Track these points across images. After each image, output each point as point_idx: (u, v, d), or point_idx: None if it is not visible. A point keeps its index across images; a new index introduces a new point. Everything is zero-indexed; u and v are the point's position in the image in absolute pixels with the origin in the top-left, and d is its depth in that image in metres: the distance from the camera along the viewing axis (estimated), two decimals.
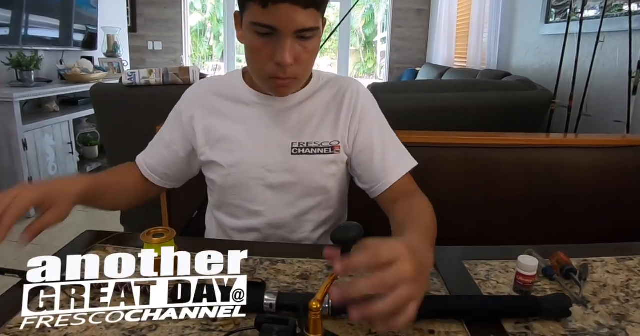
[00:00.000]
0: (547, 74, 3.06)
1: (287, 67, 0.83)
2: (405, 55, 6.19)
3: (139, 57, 5.90)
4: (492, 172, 1.40)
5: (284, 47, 0.80)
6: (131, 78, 2.06)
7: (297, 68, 0.85)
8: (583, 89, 2.47)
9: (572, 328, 0.67)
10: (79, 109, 3.70)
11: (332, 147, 0.98)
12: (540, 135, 1.66)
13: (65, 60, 4.01)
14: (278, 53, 0.81)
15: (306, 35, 0.82)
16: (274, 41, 0.81)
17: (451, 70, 4.47)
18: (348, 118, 0.99)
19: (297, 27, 0.80)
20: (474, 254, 0.93)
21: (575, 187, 1.40)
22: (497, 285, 0.80)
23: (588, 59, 2.47)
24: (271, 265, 0.83)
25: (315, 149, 0.98)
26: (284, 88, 0.90)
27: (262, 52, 0.83)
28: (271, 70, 0.85)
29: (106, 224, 2.93)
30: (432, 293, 0.76)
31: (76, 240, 0.90)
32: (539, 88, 2.53)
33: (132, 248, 0.86)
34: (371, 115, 1.02)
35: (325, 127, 0.98)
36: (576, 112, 2.53)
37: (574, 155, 1.42)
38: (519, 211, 1.41)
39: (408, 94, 2.24)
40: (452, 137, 1.44)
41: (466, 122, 2.18)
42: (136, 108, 2.09)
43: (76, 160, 3.58)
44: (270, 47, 0.82)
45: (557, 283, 0.80)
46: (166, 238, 0.78)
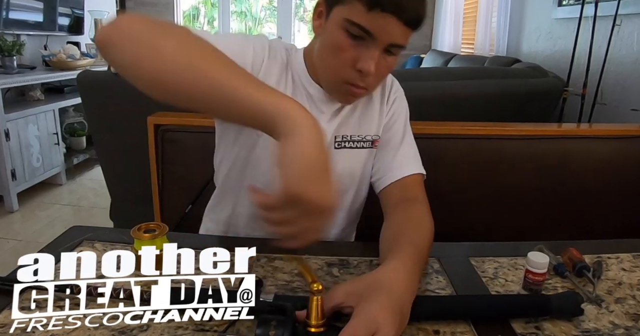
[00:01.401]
0: (560, 60, 3.05)
1: (367, 76, 0.82)
2: (409, 42, 6.16)
3: None
4: (500, 164, 1.40)
5: (372, 55, 0.80)
6: None
7: (374, 80, 0.85)
8: (598, 76, 2.46)
9: (585, 329, 0.67)
10: (65, 98, 3.68)
11: (372, 142, 0.99)
12: (551, 125, 1.66)
13: (49, 45, 3.99)
14: (364, 60, 0.80)
15: (394, 51, 0.82)
16: (362, 46, 0.80)
17: (458, 57, 4.44)
18: (384, 111, 1.00)
19: (393, 41, 0.80)
20: (481, 250, 0.93)
21: (589, 179, 1.40)
22: (505, 283, 0.80)
23: (603, 43, 2.46)
24: (268, 262, 0.83)
25: (358, 143, 0.98)
26: (353, 97, 0.89)
27: (346, 53, 0.81)
28: (349, 76, 0.83)
29: (95, 219, 2.94)
30: (436, 292, 0.76)
31: (63, 236, 0.89)
32: (550, 75, 2.52)
33: (121, 244, 0.86)
34: (401, 108, 1.03)
35: (369, 118, 0.99)
36: (590, 100, 2.52)
37: (588, 146, 1.42)
38: (528, 205, 1.41)
39: (412, 83, 2.22)
40: (458, 127, 1.44)
41: (473, 111, 2.17)
42: (126, 97, 2.08)
43: (62, 151, 3.57)
44: (356, 52, 0.80)
45: (569, 281, 0.80)
46: (158, 234, 0.77)
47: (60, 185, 3.54)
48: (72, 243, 0.86)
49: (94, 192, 3.42)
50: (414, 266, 0.71)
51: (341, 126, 0.97)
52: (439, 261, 0.86)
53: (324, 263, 0.84)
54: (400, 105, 1.03)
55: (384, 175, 0.98)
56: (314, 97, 0.94)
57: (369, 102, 0.99)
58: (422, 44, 6.12)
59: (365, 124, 0.99)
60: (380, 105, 1.00)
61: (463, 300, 0.73)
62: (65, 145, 3.75)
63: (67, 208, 3.17)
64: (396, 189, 0.96)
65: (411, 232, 0.81)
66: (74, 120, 3.92)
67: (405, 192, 0.95)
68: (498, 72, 2.54)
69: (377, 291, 0.63)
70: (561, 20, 3.20)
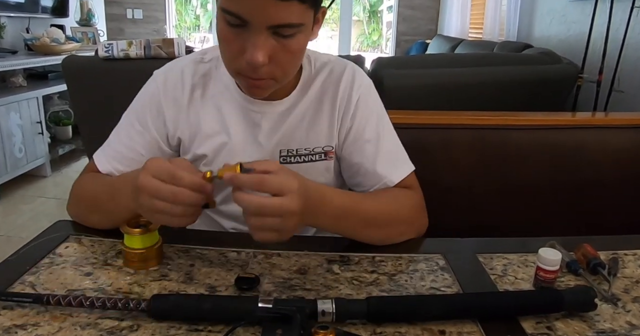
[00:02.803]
0: (574, 45, 3.04)
1: (258, 68, 0.76)
2: (414, 26, 6.14)
3: (117, 27, 5.84)
4: (509, 156, 1.40)
5: (254, 43, 0.74)
6: (108, 50, 2.05)
7: (275, 68, 0.79)
8: (615, 62, 2.45)
9: (600, 329, 0.67)
10: (49, 84, 3.68)
11: (325, 153, 0.96)
12: (565, 114, 1.66)
13: (32, 28, 3.97)
14: (248, 50, 0.75)
15: (285, 33, 0.75)
16: (245, 34, 0.75)
17: (465, 42, 4.44)
18: (340, 117, 0.95)
19: (272, 22, 0.72)
20: (490, 247, 0.93)
21: (604, 171, 1.40)
22: (515, 281, 0.80)
23: (621, 27, 2.45)
24: (266, 259, 0.83)
25: (306, 156, 0.95)
26: (256, 88, 0.83)
27: (233, 44, 0.77)
28: (240, 67, 0.79)
29: None
30: (442, 291, 0.77)
31: (47, 231, 0.89)
32: (564, 61, 2.52)
33: (110, 239, 0.86)
34: (367, 110, 0.96)
35: (318, 129, 0.94)
36: (606, 87, 2.52)
37: (604, 136, 1.42)
38: (539, 199, 1.41)
39: (417, 70, 2.22)
40: (465, 117, 1.44)
41: (481, 100, 2.17)
42: (114, 84, 2.08)
43: (47, 141, 3.57)
44: (241, 41, 0.76)
45: (583, 279, 0.80)
46: (149, 229, 0.77)
47: (45, 177, 3.54)
48: (58, 238, 0.86)
49: None
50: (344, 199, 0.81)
51: (286, 140, 0.93)
52: (445, 258, 0.86)
53: (323, 259, 0.84)
54: (366, 105, 0.96)
55: (365, 189, 0.96)
56: (246, 110, 0.92)
57: (317, 112, 0.94)
58: (427, 29, 6.11)
59: (314, 136, 0.94)
60: (332, 112, 0.94)
61: (469, 298, 0.73)
62: (50, 135, 3.75)
63: (52, 201, 3.17)
64: None
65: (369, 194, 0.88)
66: (58, 108, 3.91)
67: None
68: (508, 58, 2.53)
69: None
70: (576, 2, 3.19)
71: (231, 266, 0.80)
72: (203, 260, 0.81)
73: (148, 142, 0.93)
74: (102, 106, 2.11)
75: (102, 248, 0.84)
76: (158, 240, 0.79)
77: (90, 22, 4.64)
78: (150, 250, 0.77)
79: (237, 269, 0.79)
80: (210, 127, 0.93)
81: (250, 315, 0.62)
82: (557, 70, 2.40)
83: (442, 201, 0.95)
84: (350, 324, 0.66)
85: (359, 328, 0.66)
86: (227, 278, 0.76)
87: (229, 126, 0.93)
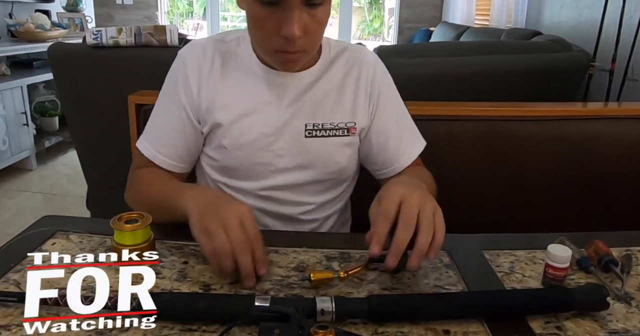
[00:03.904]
0: (586, 31, 3.03)
1: (295, 41, 0.84)
2: (417, 13, 6.12)
3: (106, 13, 5.82)
4: (517, 149, 1.40)
5: (291, 19, 0.81)
6: (97, 37, 2.04)
7: (307, 40, 0.87)
8: (629, 49, 2.44)
9: (612, 329, 0.68)
10: (34, 73, 3.66)
11: (348, 129, 1.02)
12: (576, 105, 1.65)
13: (15, 13, 3.95)
14: (285, 25, 0.82)
15: (315, 2, 0.83)
16: (279, 11, 0.82)
17: (471, 29, 4.43)
18: (367, 99, 1.04)
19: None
20: (496, 243, 0.93)
21: (616, 164, 1.40)
22: (522, 279, 0.80)
23: (636, 13, 2.44)
24: None
25: (331, 131, 1.01)
26: (292, 63, 0.92)
27: (267, 24, 0.85)
28: (278, 44, 0.86)
29: (69, 209, 2.94)
30: (446, 288, 0.77)
31: (33, 227, 0.89)
32: (575, 49, 2.51)
33: (99, 236, 0.86)
34: (390, 93, 1.07)
35: (342, 106, 1.02)
36: (620, 76, 2.51)
37: (616, 127, 1.42)
38: (549, 193, 1.42)
39: (420, 59, 2.22)
40: (471, 108, 1.44)
41: (488, 90, 2.16)
42: (103, 73, 2.07)
43: (32, 133, 3.56)
44: (275, 19, 0.83)
45: (595, 277, 0.80)
46: (141, 225, 0.77)
47: (30, 171, 3.54)
48: (44, 234, 0.86)
49: (68, 178, 3.42)
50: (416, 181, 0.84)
51: (311, 113, 1.00)
52: (449, 254, 0.86)
53: (322, 256, 0.84)
54: (388, 89, 1.07)
55: (386, 168, 1.07)
56: (269, 82, 0.99)
57: (341, 89, 1.03)
58: (432, 16, 6.08)
59: (339, 111, 1.02)
60: (356, 92, 1.03)
61: (475, 297, 0.73)
62: (36, 126, 3.74)
63: (38, 196, 3.17)
64: (401, 173, 1.05)
65: (412, 174, 0.98)
66: (44, 98, 3.90)
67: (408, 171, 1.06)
68: (516, 46, 2.52)
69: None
70: None
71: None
72: (197, 257, 0.81)
73: (183, 119, 1.00)
74: (91, 96, 2.11)
75: (90, 244, 0.84)
76: (150, 236, 0.79)
77: (77, 8, 4.62)
78: (142, 247, 0.77)
79: None
80: (230, 97, 0.99)
81: (247, 314, 0.62)
82: (568, 58, 2.39)
83: (447, 195, 0.95)
84: (350, 324, 0.67)
85: (359, 328, 0.66)
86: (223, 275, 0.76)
87: (249, 97, 0.99)
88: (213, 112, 0.99)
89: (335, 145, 1.03)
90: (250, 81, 0.99)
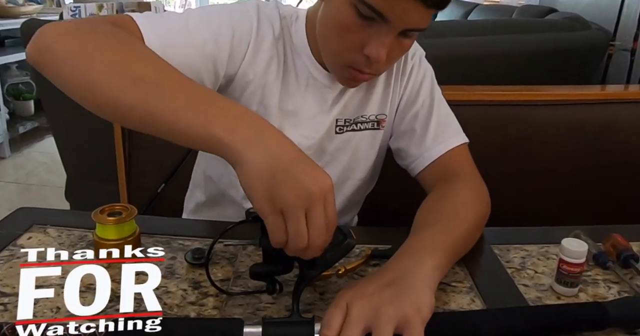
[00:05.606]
0: (605, 8, 3.02)
1: (376, 63, 0.82)
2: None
3: None
4: (531, 136, 1.40)
5: (384, 41, 0.79)
6: (75, 14, 2.02)
7: (384, 65, 0.87)
8: None
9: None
10: (7, 52, 3.64)
11: (378, 122, 1.02)
12: (593, 88, 1.65)
13: None
14: (374, 45, 0.79)
15: (411, 35, 0.82)
16: (373, 28, 0.79)
17: (480, 7, 4.41)
18: (397, 85, 1.02)
19: (410, 26, 0.79)
20: (506, 237, 0.93)
21: (637, 152, 1.40)
22: (534, 275, 0.80)
23: None
24: (256, 251, 0.84)
25: (362, 124, 1.01)
26: (357, 82, 0.91)
27: (354, 36, 0.81)
28: (353, 60, 0.84)
29: (46, 200, 2.94)
30: (452, 285, 0.77)
31: (7, 220, 0.89)
32: (593, 27, 2.50)
33: (80, 230, 0.86)
34: (422, 76, 1.04)
35: (372, 96, 1.00)
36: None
37: (638, 112, 1.42)
38: (564, 183, 1.42)
39: (425, 39, 2.19)
40: (481, 92, 1.43)
41: (499, 73, 2.16)
42: None
43: (5, 118, 3.54)
44: (365, 34, 0.80)
45: (613, 273, 0.81)
46: (125, 218, 0.78)
47: (3, 159, 3.53)
48: (19, 227, 0.86)
49: (45, 167, 3.41)
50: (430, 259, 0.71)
51: (343, 110, 0.99)
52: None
53: None
54: (419, 73, 1.04)
55: (418, 157, 1.00)
56: (317, 82, 0.95)
57: (371, 81, 0.99)
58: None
59: (367, 104, 1.01)
60: (387, 81, 1.01)
61: (488, 315, 0.69)
62: (9, 111, 3.72)
63: (13, 186, 3.16)
64: (435, 169, 0.98)
65: (439, 222, 0.80)
66: (18, 79, 3.87)
67: (445, 170, 0.96)
68: (529, 25, 2.52)
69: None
70: None
71: (218, 259, 0.80)
72: (186, 252, 0.81)
73: (214, 54, 0.85)
74: None
75: (70, 239, 0.84)
76: (135, 230, 0.79)
77: None
78: (126, 242, 0.77)
79: (224, 262, 0.80)
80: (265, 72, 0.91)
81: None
82: (585, 37, 2.38)
83: None
84: None
85: None
86: (214, 272, 0.76)
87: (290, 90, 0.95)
88: (238, 85, 0.91)
89: (361, 142, 1.02)
90: (297, 71, 0.94)
